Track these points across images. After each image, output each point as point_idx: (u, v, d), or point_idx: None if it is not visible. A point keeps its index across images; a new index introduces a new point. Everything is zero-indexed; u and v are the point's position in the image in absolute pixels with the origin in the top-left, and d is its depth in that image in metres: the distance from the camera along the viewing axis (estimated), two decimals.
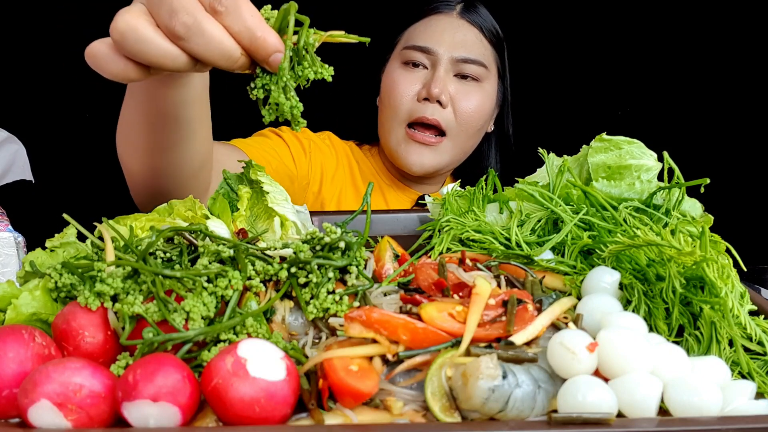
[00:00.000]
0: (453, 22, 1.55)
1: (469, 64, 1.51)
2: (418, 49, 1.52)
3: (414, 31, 1.57)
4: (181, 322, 0.67)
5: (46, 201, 2.15)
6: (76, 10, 2.41)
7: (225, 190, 1.00)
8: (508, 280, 0.80)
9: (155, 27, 0.65)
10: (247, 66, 0.67)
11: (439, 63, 1.50)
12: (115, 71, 0.67)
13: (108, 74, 0.67)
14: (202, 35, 0.64)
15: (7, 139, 2.16)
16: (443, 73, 1.50)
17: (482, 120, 1.56)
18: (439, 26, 1.54)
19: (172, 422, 0.60)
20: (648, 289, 0.77)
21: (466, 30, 1.54)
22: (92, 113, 2.52)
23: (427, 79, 1.51)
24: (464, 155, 1.61)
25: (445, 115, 1.50)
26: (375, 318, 0.67)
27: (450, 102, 1.50)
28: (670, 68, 2.44)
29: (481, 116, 1.55)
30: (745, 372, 0.70)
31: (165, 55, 0.65)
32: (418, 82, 1.52)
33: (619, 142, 0.96)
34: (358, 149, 1.72)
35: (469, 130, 1.54)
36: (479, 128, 1.57)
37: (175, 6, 0.63)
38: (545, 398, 0.63)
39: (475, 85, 1.54)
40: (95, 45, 0.66)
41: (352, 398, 0.63)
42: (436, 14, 1.56)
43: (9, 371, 0.63)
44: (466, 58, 1.51)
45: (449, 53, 1.51)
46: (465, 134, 1.54)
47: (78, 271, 0.74)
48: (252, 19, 0.64)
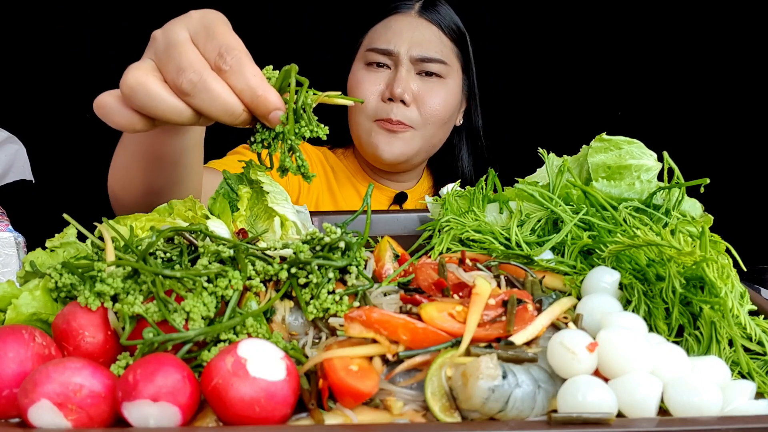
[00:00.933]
0: (412, 21, 1.58)
1: (429, 63, 1.55)
2: (379, 51, 1.56)
3: (375, 33, 1.60)
4: (181, 323, 0.68)
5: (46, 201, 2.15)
6: (76, 10, 2.41)
7: (225, 190, 1.00)
8: (508, 280, 0.80)
9: (163, 83, 0.69)
10: (249, 122, 0.71)
11: (400, 63, 1.54)
12: (123, 123, 0.70)
13: (115, 125, 0.71)
14: (207, 92, 0.67)
15: (7, 139, 2.17)
16: (405, 73, 1.53)
17: (447, 114, 1.59)
18: (398, 26, 1.57)
19: (172, 422, 0.60)
20: (648, 289, 0.77)
21: (424, 29, 1.57)
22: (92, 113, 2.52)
23: (390, 79, 1.54)
24: (433, 148, 1.64)
25: (409, 114, 1.53)
26: (375, 318, 0.67)
27: (414, 101, 1.54)
28: (670, 68, 2.44)
29: (446, 111, 1.58)
30: (745, 372, 0.70)
31: (172, 110, 0.68)
32: (381, 82, 1.55)
33: (619, 142, 0.96)
34: (332, 154, 1.74)
35: (436, 124, 1.57)
36: (445, 122, 1.60)
37: (183, 64, 0.67)
38: (545, 398, 0.63)
39: (438, 81, 1.57)
40: (104, 97, 0.70)
41: (352, 398, 0.63)
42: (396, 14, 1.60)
43: (9, 371, 0.63)
44: (425, 57, 1.54)
45: (409, 52, 1.54)
46: (432, 127, 1.57)
47: (78, 271, 0.74)
48: (254, 78, 0.68)
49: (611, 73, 2.44)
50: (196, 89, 0.67)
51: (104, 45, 2.42)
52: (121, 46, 2.42)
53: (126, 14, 2.39)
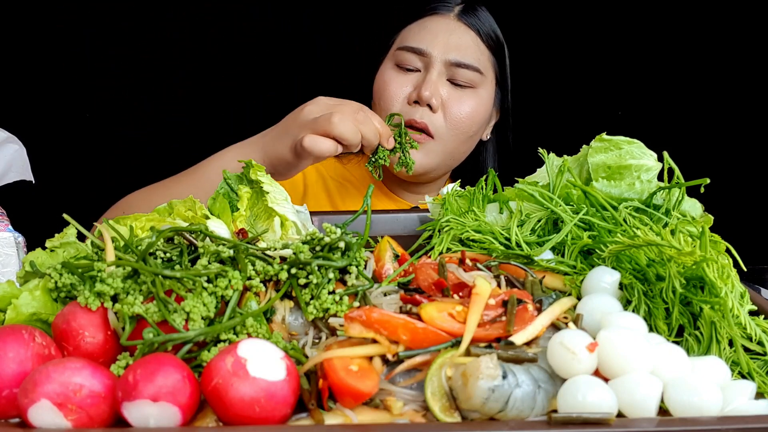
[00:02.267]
0: (449, 24, 1.49)
1: (463, 69, 1.46)
2: (410, 50, 1.47)
3: (409, 32, 1.51)
4: (181, 323, 0.67)
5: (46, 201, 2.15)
6: (76, 10, 2.41)
7: (225, 190, 1.00)
8: (508, 280, 0.80)
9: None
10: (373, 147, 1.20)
11: (432, 65, 1.45)
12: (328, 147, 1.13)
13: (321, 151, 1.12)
14: (369, 124, 1.17)
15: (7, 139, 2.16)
16: (435, 76, 1.45)
17: (474, 126, 1.50)
18: (435, 28, 1.49)
19: (172, 422, 0.60)
20: (648, 289, 0.77)
21: (462, 33, 1.48)
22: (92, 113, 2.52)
23: (419, 81, 1.46)
24: (454, 161, 1.55)
25: (434, 120, 1.44)
26: (375, 318, 0.67)
27: (441, 106, 1.45)
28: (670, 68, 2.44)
29: (473, 122, 1.48)
30: (745, 372, 0.70)
31: (354, 134, 1.13)
32: (409, 84, 1.46)
33: (619, 142, 0.96)
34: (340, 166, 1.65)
35: (459, 136, 1.48)
36: (471, 135, 1.51)
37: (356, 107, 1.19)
38: (545, 398, 0.63)
39: (470, 91, 1.48)
40: (310, 136, 1.13)
41: (352, 398, 0.63)
42: (433, 15, 1.51)
43: (9, 371, 0.63)
44: (460, 62, 1.45)
45: (443, 56, 1.45)
46: (455, 139, 1.48)
47: (78, 271, 0.74)
48: (380, 122, 1.20)
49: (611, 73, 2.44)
50: (366, 120, 1.17)
51: (104, 45, 2.42)
52: (121, 46, 2.41)
53: (126, 14, 2.39)
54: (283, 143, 1.19)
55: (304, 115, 1.18)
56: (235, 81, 2.46)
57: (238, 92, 2.47)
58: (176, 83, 2.47)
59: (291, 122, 1.21)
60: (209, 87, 2.47)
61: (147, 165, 2.46)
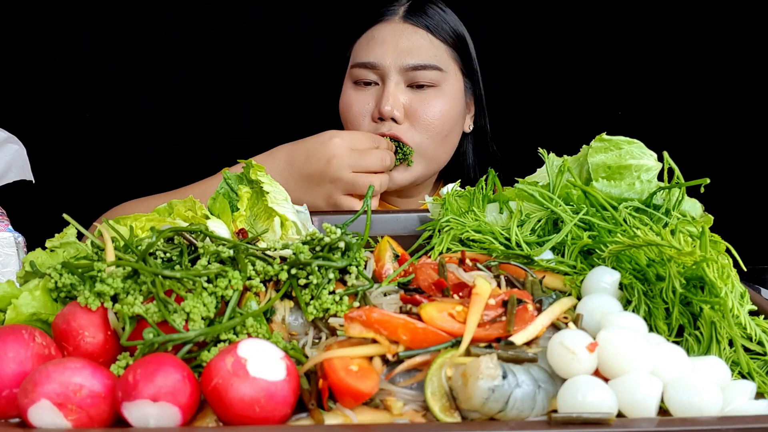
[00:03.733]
0: (396, 28, 1.42)
1: (420, 71, 1.39)
2: (362, 66, 1.41)
3: (359, 47, 1.46)
4: (181, 323, 0.67)
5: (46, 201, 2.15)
6: (76, 10, 2.40)
7: (225, 190, 1.00)
8: (508, 280, 0.80)
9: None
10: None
11: (387, 77, 1.39)
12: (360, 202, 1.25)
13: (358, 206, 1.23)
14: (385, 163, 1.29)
15: (7, 139, 2.16)
16: (393, 88, 1.38)
17: (447, 125, 1.44)
18: (382, 36, 1.42)
19: (172, 422, 0.60)
20: (648, 289, 0.77)
21: (410, 34, 1.41)
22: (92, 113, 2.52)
23: (379, 95, 1.40)
24: (439, 164, 1.49)
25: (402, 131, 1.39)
26: (375, 318, 0.67)
27: (406, 116, 1.39)
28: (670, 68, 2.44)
29: (444, 122, 1.42)
30: (745, 372, 0.70)
31: (382, 186, 1.28)
32: (370, 100, 1.41)
33: (619, 142, 0.96)
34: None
35: (435, 138, 1.42)
36: (446, 134, 1.45)
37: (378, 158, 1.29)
38: (545, 398, 0.63)
39: (433, 91, 1.41)
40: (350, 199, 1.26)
41: (352, 398, 0.63)
42: (379, 23, 1.44)
43: (9, 371, 0.63)
44: (415, 65, 1.39)
45: (396, 63, 1.39)
46: (431, 142, 1.42)
47: (78, 271, 0.74)
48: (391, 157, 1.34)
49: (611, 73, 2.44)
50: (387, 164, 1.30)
51: (104, 45, 2.42)
52: (121, 46, 2.41)
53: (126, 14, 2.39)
54: (316, 196, 1.25)
55: (334, 171, 1.23)
56: (235, 81, 2.46)
57: (238, 92, 2.47)
58: (176, 83, 2.47)
59: (320, 176, 1.24)
60: (209, 87, 2.46)
61: (147, 165, 2.46)
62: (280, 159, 1.28)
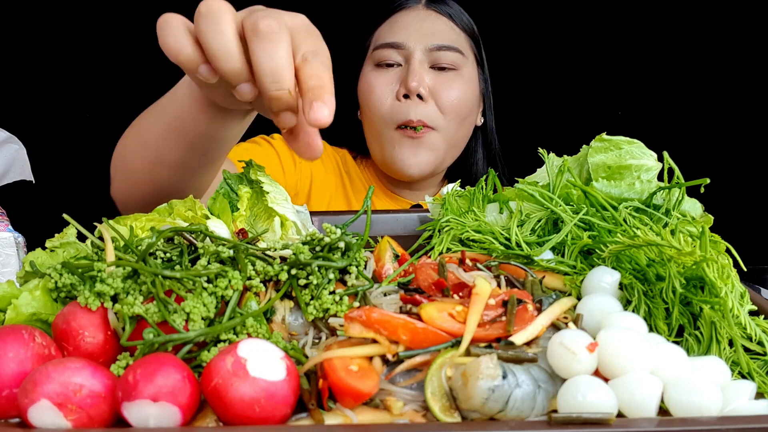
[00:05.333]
0: (420, 13, 1.50)
1: (444, 52, 1.45)
2: (387, 46, 1.47)
3: (381, 31, 1.52)
4: (181, 323, 0.67)
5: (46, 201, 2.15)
6: (76, 10, 2.41)
7: (225, 190, 1.00)
8: (508, 280, 0.80)
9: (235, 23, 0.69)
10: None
11: (412, 56, 1.45)
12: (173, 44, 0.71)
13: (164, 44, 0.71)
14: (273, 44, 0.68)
15: (7, 139, 2.17)
16: (418, 66, 1.43)
17: (467, 108, 1.49)
18: (406, 20, 1.49)
19: (172, 422, 0.60)
20: (648, 289, 0.77)
21: (434, 19, 1.49)
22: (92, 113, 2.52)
23: (403, 74, 1.45)
24: (458, 149, 1.55)
25: (428, 112, 1.44)
26: (375, 318, 0.67)
27: (430, 95, 1.44)
28: (670, 68, 2.44)
29: (465, 104, 1.48)
30: (745, 372, 0.70)
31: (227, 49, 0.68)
32: (393, 81, 1.46)
33: (619, 142, 0.96)
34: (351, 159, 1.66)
35: (456, 120, 1.47)
36: (466, 117, 1.50)
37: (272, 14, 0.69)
38: (545, 398, 0.63)
39: (454, 73, 1.47)
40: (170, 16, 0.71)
41: (352, 398, 0.63)
42: (402, 11, 1.51)
43: (9, 371, 0.63)
44: (439, 45, 1.45)
45: (421, 44, 1.45)
46: (453, 124, 1.47)
47: (78, 271, 0.74)
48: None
49: (611, 73, 2.44)
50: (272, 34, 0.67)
51: (104, 45, 2.42)
52: (122, 46, 2.42)
53: (126, 14, 2.39)
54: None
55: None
56: None
57: None
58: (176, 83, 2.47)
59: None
60: None
61: None
62: None
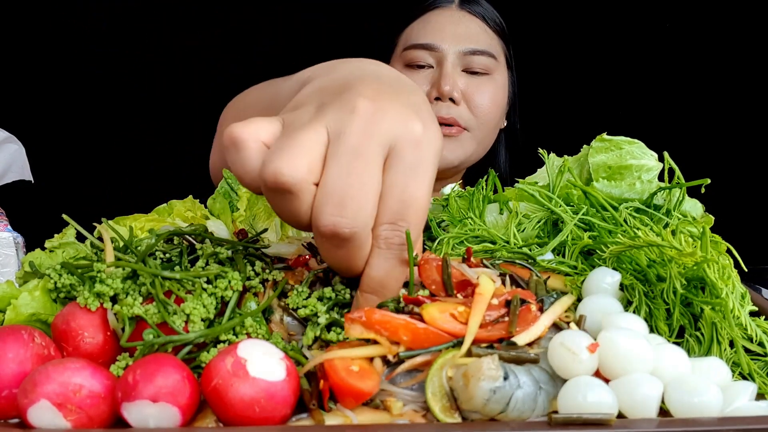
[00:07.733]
0: (453, 15, 1.48)
1: (477, 56, 1.44)
2: (420, 47, 1.45)
3: (412, 31, 1.50)
4: (181, 324, 0.67)
5: (46, 201, 2.15)
6: (76, 10, 2.41)
7: (225, 190, 1.00)
8: (512, 279, 0.79)
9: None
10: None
11: (444, 59, 1.43)
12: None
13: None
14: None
15: (7, 139, 2.17)
16: (451, 69, 1.42)
17: (498, 113, 1.49)
18: (440, 21, 1.47)
19: (171, 423, 0.60)
20: (649, 289, 0.77)
21: (468, 21, 1.47)
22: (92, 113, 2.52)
23: (435, 77, 1.43)
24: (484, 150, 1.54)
25: (460, 113, 1.43)
26: (376, 319, 0.67)
27: (462, 98, 1.43)
28: (670, 68, 2.44)
29: (497, 110, 1.48)
30: (745, 373, 0.70)
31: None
32: (425, 82, 1.44)
33: (619, 142, 0.96)
34: None
35: (488, 125, 1.47)
36: (496, 123, 1.51)
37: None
38: (546, 399, 0.63)
39: (486, 78, 1.46)
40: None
41: (353, 398, 0.63)
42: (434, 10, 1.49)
43: (9, 371, 0.63)
44: (473, 50, 1.43)
45: (454, 47, 1.43)
46: (484, 128, 1.47)
47: (77, 272, 0.74)
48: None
49: (611, 72, 2.44)
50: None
51: (105, 45, 2.42)
52: (122, 46, 2.42)
53: (126, 14, 2.39)
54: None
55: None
56: (235, 81, 2.46)
57: (239, 92, 2.47)
58: (176, 83, 2.47)
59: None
60: (210, 87, 2.47)
61: (147, 165, 2.46)
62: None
